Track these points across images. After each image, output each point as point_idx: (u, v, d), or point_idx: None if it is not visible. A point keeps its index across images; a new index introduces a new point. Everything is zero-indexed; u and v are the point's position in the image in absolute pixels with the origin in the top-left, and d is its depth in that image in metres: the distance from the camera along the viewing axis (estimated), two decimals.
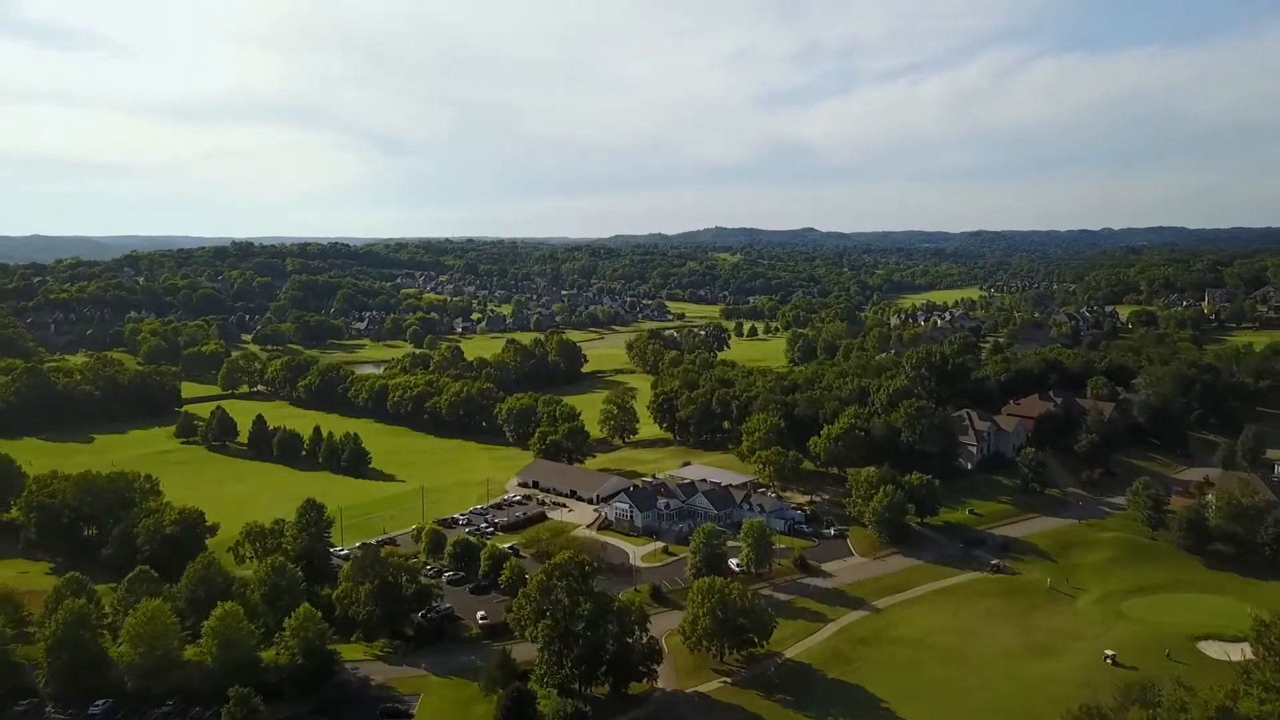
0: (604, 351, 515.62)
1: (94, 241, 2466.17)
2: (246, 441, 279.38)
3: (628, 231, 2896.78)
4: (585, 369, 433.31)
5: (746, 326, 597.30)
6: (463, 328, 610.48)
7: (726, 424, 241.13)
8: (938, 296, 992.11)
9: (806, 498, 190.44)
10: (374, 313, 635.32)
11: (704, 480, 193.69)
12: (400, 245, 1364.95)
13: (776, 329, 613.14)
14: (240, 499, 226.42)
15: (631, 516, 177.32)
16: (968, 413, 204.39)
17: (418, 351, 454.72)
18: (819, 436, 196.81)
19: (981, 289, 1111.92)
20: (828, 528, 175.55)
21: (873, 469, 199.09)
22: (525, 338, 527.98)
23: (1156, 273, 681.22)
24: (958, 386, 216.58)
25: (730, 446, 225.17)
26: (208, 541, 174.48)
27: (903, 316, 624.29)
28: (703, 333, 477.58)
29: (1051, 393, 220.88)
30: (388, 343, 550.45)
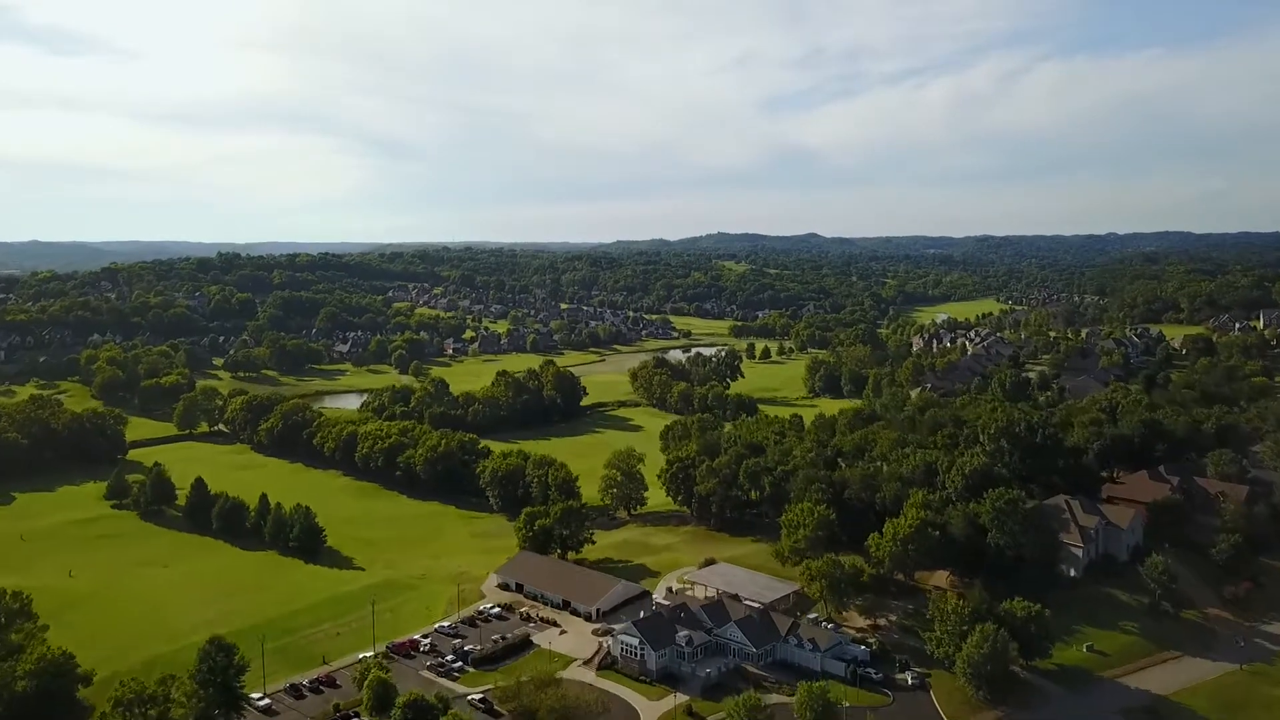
0: (605, 378, 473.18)
1: (90, 247, 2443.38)
2: (185, 507, 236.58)
3: (629, 237, 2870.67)
4: (585, 401, 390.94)
5: (759, 347, 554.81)
6: (453, 349, 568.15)
7: (755, 494, 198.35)
8: (954, 309, 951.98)
9: (868, 620, 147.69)
10: (358, 333, 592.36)
11: (735, 596, 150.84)
12: (396, 255, 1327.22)
13: (791, 350, 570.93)
14: (158, 596, 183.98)
15: (642, 655, 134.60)
16: (1067, 501, 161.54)
17: (400, 383, 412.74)
18: (880, 534, 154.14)
19: (998, 300, 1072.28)
20: (903, 670, 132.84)
21: (950, 577, 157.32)
22: (519, 364, 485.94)
23: (1197, 289, 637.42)
24: (1047, 462, 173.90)
25: (761, 537, 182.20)
26: (81, 692, 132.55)
27: (925, 336, 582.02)
28: (713, 359, 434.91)
29: (1163, 469, 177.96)
30: (371, 368, 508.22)
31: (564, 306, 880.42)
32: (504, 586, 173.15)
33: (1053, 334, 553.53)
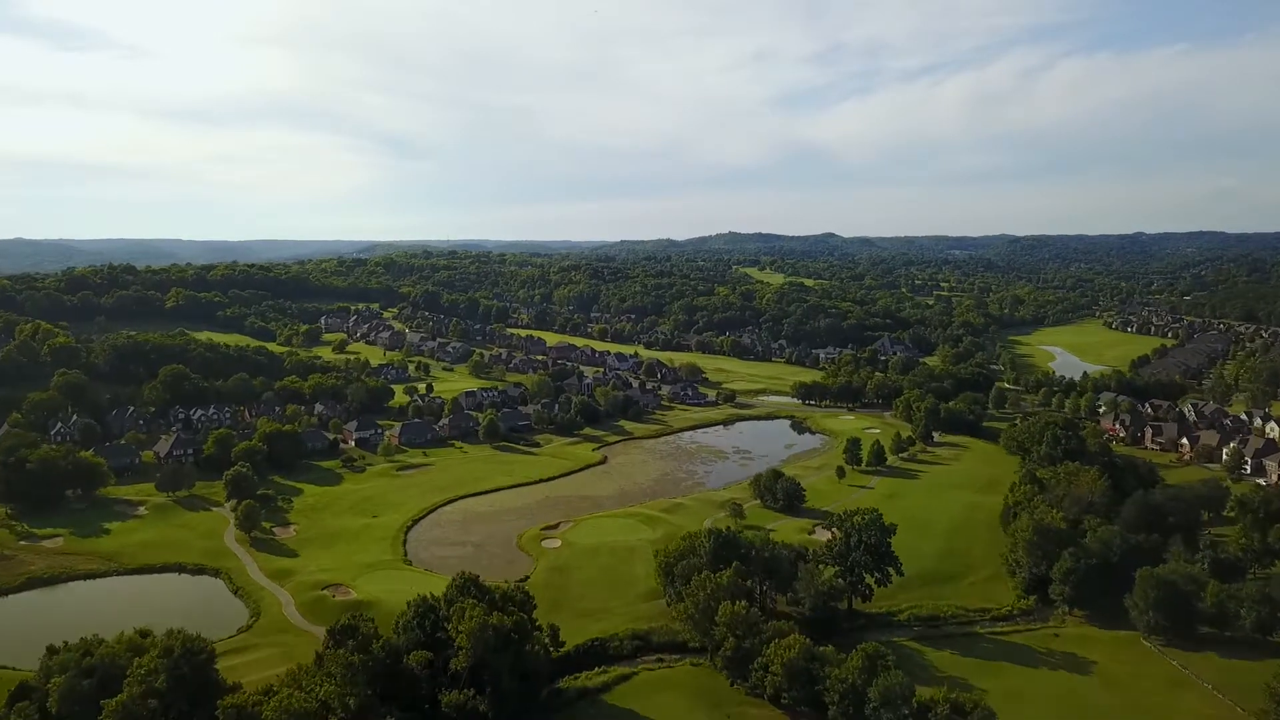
0: (604, 535, 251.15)
1: (71, 246, 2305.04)
2: None
3: (634, 237, 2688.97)
4: (566, 647, 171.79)
5: (866, 444, 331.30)
6: (357, 438, 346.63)
7: None
8: (1056, 338, 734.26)
9: None
10: (210, 411, 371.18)
11: None
12: (358, 262, 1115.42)
13: (911, 442, 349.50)
14: None
15: None
16: None
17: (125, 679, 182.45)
18: None
19: (1102, 322, 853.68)
20: None
21: None
22: (457, 474, 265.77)
23: None
24: None
25: None
26: None
27: (1124, 421, 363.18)
28: (838, 528, 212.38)
29: None
30: (191, 494, 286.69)
31: (551, 341, 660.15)
32: None
33: None
